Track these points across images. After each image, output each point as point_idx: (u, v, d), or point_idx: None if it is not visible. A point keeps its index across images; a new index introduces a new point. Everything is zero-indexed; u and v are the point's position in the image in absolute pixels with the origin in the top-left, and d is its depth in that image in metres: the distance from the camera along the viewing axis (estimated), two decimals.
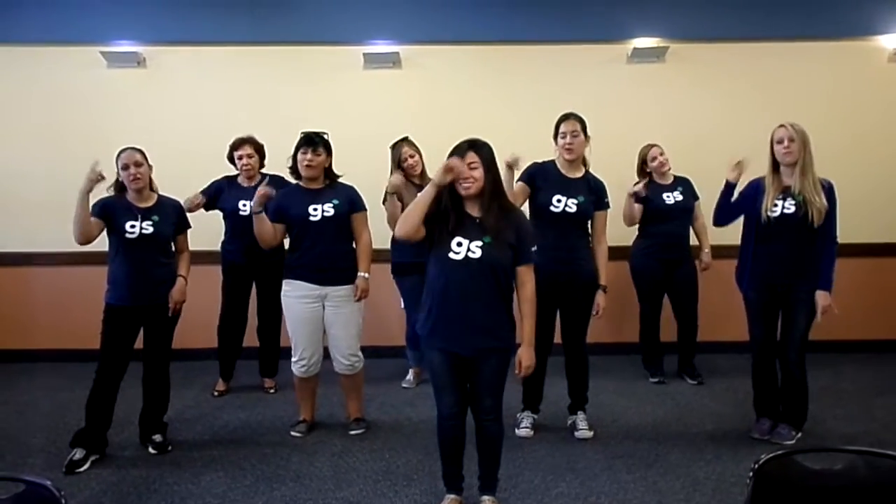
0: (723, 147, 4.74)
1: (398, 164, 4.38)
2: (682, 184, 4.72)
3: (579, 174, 3.72)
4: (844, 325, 4.88)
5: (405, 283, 4.52)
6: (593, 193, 3.70)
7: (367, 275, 3.73)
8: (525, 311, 2.77)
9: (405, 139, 4.44)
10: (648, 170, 4.72)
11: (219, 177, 4.49)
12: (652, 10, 5.30)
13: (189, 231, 3.77)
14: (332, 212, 3.63)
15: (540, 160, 3.73)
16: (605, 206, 3.76)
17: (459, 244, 2.66)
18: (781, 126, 3.50)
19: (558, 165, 3.72)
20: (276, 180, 4.41)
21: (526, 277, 2.77)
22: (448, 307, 2.70)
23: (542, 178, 3.68)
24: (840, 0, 5.26)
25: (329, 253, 3.65)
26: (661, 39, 5.28)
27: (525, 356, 2.75)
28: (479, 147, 2.72)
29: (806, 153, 3.45)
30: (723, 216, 3.75)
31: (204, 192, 4.38)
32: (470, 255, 2.65)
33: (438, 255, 2.70)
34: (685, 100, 5.32)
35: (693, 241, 4.84)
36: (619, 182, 4.66)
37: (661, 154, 4.69)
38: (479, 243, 2.66)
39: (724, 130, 5.13)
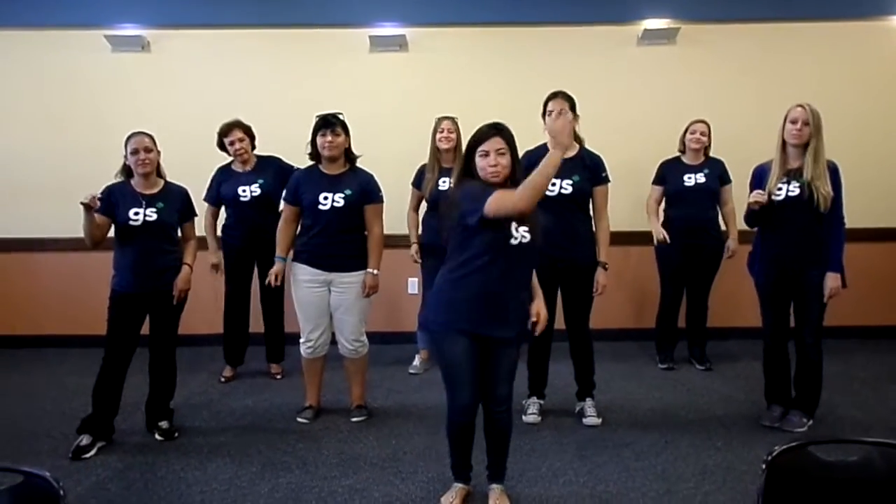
0: (735, 130, 4.69)
1: (434, 134, 4.38)
2: (710, 165, 4.58)
3: (573, 153, 3.57)
4: (856, 310, 4.87)
5: (426, 263, 4.49)
6: (588, 170, 3.60)
7: (375, 271, 3.68)
8: (536, 282, 2.83)
9: (452, 118, 4.41)
10: (685, 141, 4.61)
11: (213, 171, 4.47)
12: None
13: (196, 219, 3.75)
14: (341, 202, 3.59)
15: (532, 147, 3.50)
16: (604, 180, 3.65)
17: (516, 229, 2.61)
18: (799, 106, 3.42)
19: (549, 147, 3.60)
20: (271, 162, 4.40)
21: None
22: (498, 292, 2.63)
23: (536, 164, 3.54)
24: None
25: (334, 241, 3.62)
26: (672, 21, 5.18)
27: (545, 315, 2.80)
28: (503, 131, 2.65)
29: (819, 139, 3.39)
30: (752, 223, 3.67)
31: (206, 199, 4.39)
32: (523, 240, 2.62)
33: (496, 240, 2.60)
34: (696, 82, 5.23)
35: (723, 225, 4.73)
36: (629, 164, 4.60)
37: (703, 134, 4.55)
38: (526, 228, 2.62)
39: (737, 113, 5.04)
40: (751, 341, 4.84)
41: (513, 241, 2.60)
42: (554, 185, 3.51)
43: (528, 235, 2.63)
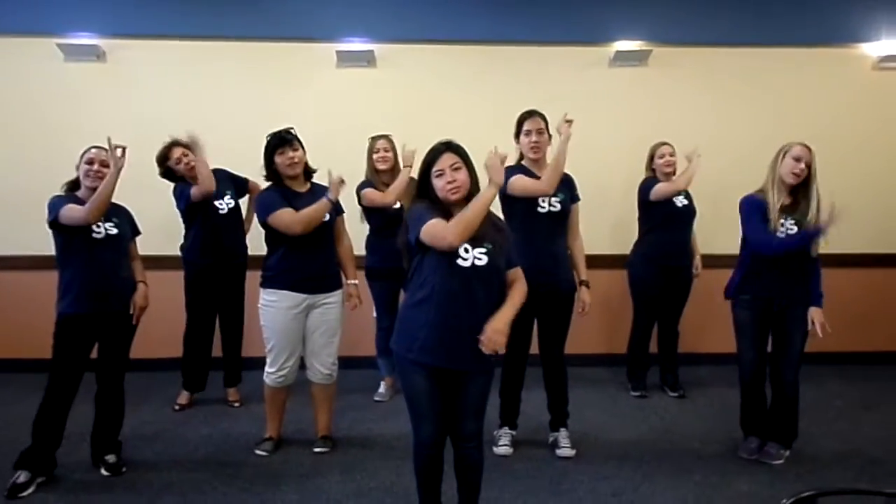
0: (706, 152, 4.62)
1: (370, 154, 4.30)
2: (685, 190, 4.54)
3: None
4: (830, 336, 4.79)
5: (376, 288, 4.36)
6: (567, 188, 3.57)
7: (356, 281, 3.62)
8: (514, 297, 2.56)
9: (387, 136, 4.33)
10: (654, 167, 4.57)
11: (170, 187, 4.24)
12: (635, 13, 5.16)
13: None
14: (325, 217, 3.43)
15: (509, 164, 3.39)
16: (578, 198, 3.67)
17: (466, 250, 2.47)
18: (802, 145, 3.39)
19: (528, 166, 3.56)
20: (221, 173, 4.20)
21: (517, 275, 2.64)
22: (451, 318, 2.47)
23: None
24: (825, 6, 5.17)
25: (321, 260, 3.48)
26: (644, 43, 5.14)
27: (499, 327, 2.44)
28: (456, 148, 2.56)
29: (815, 180, 3.38)
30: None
31: (178, 195, 4.17)
32: (476, 262, 2.47)
33: (441, 262, 2.48)
34: (668, 104, 5.18)
35: None
36: (600, 186, 4.52)
37: (671, 154, 4.53)
38: (483, 250, 2.49)
39: (707, 135, 4.96)
40: (721, 367, 4.79)
41: (461, 263, 2.47)
42: (545, 202, 3.47)
43: (483, 258, 2.48)
